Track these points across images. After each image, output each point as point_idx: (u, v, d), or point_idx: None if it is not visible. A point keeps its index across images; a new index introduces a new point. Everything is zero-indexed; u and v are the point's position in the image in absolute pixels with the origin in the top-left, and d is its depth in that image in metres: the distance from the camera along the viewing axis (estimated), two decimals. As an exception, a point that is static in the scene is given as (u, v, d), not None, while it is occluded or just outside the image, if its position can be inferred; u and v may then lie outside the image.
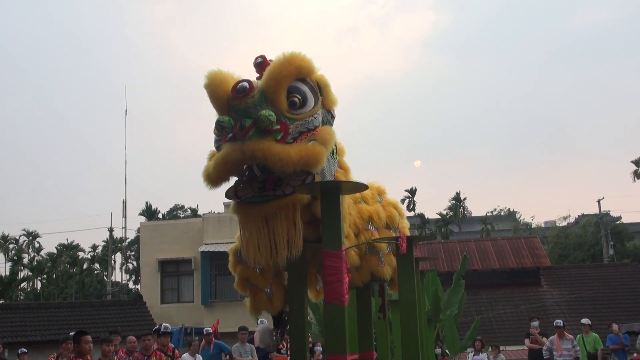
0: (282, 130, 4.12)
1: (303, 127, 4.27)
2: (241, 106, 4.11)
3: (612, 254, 38.17)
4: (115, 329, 15.20)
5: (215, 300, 25.28)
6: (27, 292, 56.08)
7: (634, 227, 51.97)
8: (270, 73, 4.20)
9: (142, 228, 29.70)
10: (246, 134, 4.00)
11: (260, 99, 4.13)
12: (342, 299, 4.22)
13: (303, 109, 4.31)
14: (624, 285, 25.83)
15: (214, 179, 4.28)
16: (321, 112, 4.50)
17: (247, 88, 4.10)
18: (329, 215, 4.31)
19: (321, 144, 4.31)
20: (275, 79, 4.17)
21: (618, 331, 15.94)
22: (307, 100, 4.34)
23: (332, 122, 4.69)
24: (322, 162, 4.29)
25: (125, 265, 60.36)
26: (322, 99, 4.52)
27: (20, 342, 18.76)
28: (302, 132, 4.26)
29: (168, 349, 10.63)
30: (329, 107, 4.64)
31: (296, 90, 4.30)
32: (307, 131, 4.29)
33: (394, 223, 5.92)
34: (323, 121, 4.52)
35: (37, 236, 62.28)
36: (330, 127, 4.60)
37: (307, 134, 4.28)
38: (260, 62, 4.54)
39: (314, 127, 4.35)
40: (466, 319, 18.11)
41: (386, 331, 6.86)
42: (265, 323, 14.20)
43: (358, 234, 5.47)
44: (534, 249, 27.44)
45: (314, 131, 4.33)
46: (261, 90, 4.17)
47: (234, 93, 4.13)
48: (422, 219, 60.08)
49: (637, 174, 61.33)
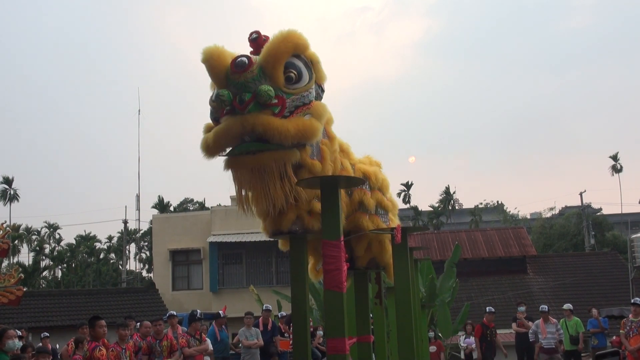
0: (280, 104, 4.08)
1: (299, 102, 4.24)
2: (240, 80, 4.05)
3: (592, 244, 38.11)
4: (130, 314, 15.16)
5: (222, 288, 25.25)
6: (48, 281, 56.10)
7: (613, 218, 51.89)
8: (269, 49, 4.14)
9: (154, 220, 29.68)
10: (246, 107, 3.97)
11: (259, 74, 4.08)
12: (341, 286, 4.18)
13: (298, 84, 4.26)
14: (604, 273, 25.85)
15: (212, 150, 4.21)
16: (314, 87, 4.46)
17: (246, 63, 4.04)
18: (328, 207, 4.26)
19: (316, 118, 4.28)
20: (273, 55, 4.12)
21: (597, 315, 15.96)
22: (302, 76, 4.29)
23: (322, 95, 4.65)
24: (318, 135, 4.27)
25: (139, 254, 60.39)
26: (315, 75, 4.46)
27: (43, 326, 18.78)
28: (297, 105, 4.22)
29: (196, 333, 10.67)
30: (320, 82, 4.59)
31: (292, 66, 4.24)
32: (302, 105, 4.25)
33: (385, 189, 5.83)
34: (315, 96, 4.47)
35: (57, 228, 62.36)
36: (323, 103, 4.56)
37: (302, 108, 4.24)
38: (256, 37, 4.45)
39: (309, 101, 4.32)
40: (457, 305, 18.10)
41: (382, 316, 6.83)
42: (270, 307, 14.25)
43: (352, 192, 5.38)
44: (520, 238, 27.40)
45: (309, 105, 4.30)
46: (260, 65, 4.11)
47: (233, 68, 4.06)
48: (415, 211, 60.02)
49: (615, 169, 61.46)
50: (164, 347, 9.80)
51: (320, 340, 13.38)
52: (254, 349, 12.36)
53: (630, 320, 11.73)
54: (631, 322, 11.65)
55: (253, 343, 12.32)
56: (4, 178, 60.51)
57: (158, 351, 9.74)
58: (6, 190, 60.26)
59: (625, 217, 47.72)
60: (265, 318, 13.19)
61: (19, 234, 56.04)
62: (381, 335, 6.69)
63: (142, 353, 9.65)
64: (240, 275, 25.49)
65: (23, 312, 20.50)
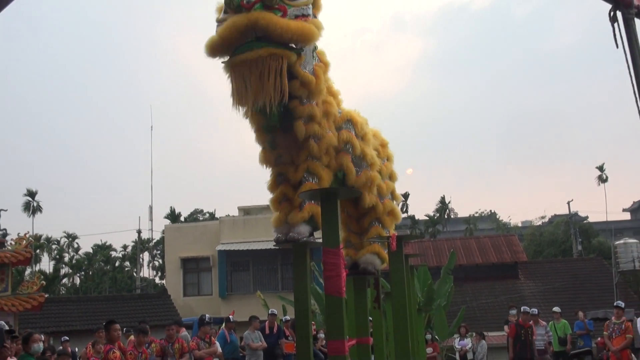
0: (282, 10, 4.26)
1: (299, 12, 4.41)
2: None
3: (580, 250, 38.00)
4: (144, 319, 15.19)
5: (231, 293, 25.22)
6: (67, 287, 56.04)
7: (599, 225, 51.72)
8: None
9: (166, 230, 29.68)
10: (252, 6, 4.14)
11: None
12: (340, 291, 4.22)
13: (298, 0, 4.43)
14: (590, 277, 25.82)
15: (216, 44, 4.29)
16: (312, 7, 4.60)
17: None
18: (327, 217, 4.29)
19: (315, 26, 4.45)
20: None
21: (583, 318, 15.93)
22: None
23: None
24: (315, 38, 4.43)
25: (152, 262, 60.26)
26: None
27: (63, 331, 18.72)
28: (297, 15, 4.38)
29: (206, 336, 10.69)
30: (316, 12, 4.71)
31: None
32: (302, 16, 4.42)
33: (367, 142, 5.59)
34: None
35: (76, 238, 62.26)
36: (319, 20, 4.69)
37: (301, 18, 4.40)
38: None
39: (307, 14, 4.49)
40: (453, 309, 18.07)
41: (381, 319, 6.83)
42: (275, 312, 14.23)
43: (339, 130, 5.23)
44: (512, 245, 27.38)
45: (307, 18, 4.46)
46: None
47: None
48: (412, 220, 59.89)
49: (601, 179, 61.41)
50: (176, 350, 9.89)
51: (323, 343, 13.36)
52: (259, 351, 12.38)
53: (612, 322, 11.74)
54: (614, 324, 11.65)
55: (259, 345, 12.34)
56: (29, 191, 60.61)
57: (170, 353, 9.82)
58: (30, 203, 60.29)
59: (610, 225, 47.63)
60: (271, 322, 13.20)
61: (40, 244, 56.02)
62: (380, 337, 6.70)
63: (156, 355, 9.70)
64: (248, 282, 25.48)
65: (45, 317, 20.49)
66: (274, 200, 4.98)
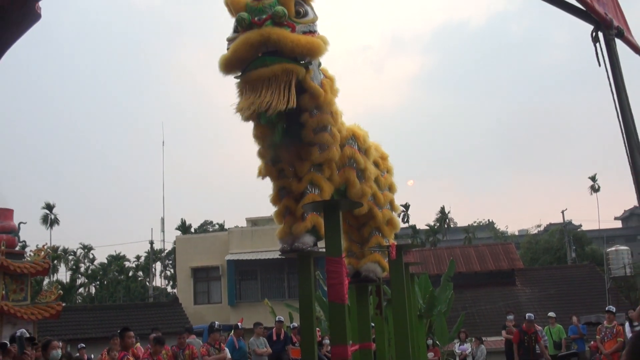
0: (291, 27, 4.32)
1: (306, 29, 4.46)
2: (258, 6, 4.27)
3: (574, 257, 37.85)
4: (156, 326, 15.18)
5: (239, 301, 25.19)
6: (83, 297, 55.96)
7: (592, 233, 51.53)
8: None
9: (177, 241, 29.71)
10: (263, 23, 4.19)
11: (275, 1, 4.31)
12: (343, 299, 4.25)
13: (305, 18, 4.51)
14: (584, 283, 25.68)
15: (230, 61, 4.26)
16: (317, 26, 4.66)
17: None
18: (330, 228, 4.33)
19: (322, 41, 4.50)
20: None
21: (577, 322, 15.86)
22: (308, 13, 4.55)
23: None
24: (323, 52, 4.46)
25: (164, 272, 60.23)
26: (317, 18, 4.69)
27: (79, 338, 18.69)
28: (305, 32, 4.43)
29: (216, 343, 10.71)
30: None
31: (300, 5, 4.50)
32: (309, 32, 4.47)
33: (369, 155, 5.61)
34: None
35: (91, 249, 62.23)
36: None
37: (309, 34, 4.45)
38: None
39: (314, 31, 4.55)
40: (453, 315, 18.00)
41: (383, 325, 6.84)
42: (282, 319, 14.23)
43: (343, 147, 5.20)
44: (509, 253, 27.28)
45: (314, 34, 4.53)
46: None
47: None
48: (413, 229, 59.76)
49: (593, 189, 61.30)
50: (187, 356, 9.94)
51: (328, 349, 13.33)
52: (264, 357, 12.39)
53: (605, 326, 11.71)
54: (606, 328, 11.62)
55: (264, 351, 12.36)
56: (46, 204, 60.75)
57: (181, 358, 9.85)
58: (48, 215, 60.38)
59: (602, 233, 47.51)
60: (278, 329, 13.20)
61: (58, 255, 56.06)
62: (382, 342, 6.71)
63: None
64: (256, 290, 25.44)
65: (62, 325, 20.50)
66: (277, 214, 4.99)
